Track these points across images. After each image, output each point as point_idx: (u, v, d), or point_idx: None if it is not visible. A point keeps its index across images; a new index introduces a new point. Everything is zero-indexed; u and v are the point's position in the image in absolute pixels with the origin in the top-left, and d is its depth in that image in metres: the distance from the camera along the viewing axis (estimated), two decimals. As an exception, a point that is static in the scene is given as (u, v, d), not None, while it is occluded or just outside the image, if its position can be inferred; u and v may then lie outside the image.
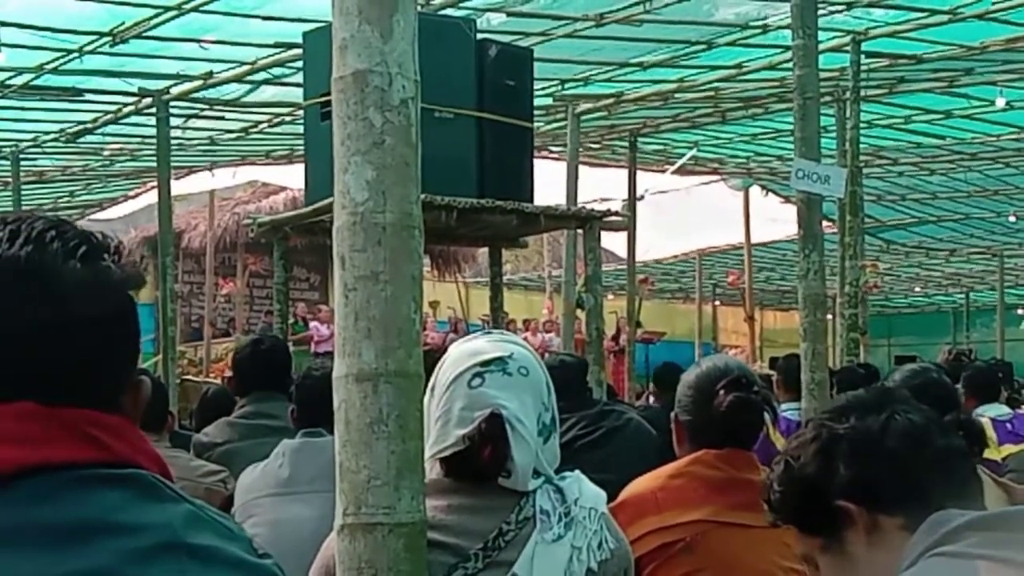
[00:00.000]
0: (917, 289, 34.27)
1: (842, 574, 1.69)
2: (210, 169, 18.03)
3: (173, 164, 13.43)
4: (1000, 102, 13.17)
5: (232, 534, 1.33)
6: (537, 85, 8.71)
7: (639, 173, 16.45)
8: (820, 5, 7.47)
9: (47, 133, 14.72)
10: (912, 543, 1.55)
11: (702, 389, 2.98)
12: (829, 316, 7.63)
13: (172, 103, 12.61)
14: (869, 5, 10.80)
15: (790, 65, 6.63)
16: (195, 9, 10.12)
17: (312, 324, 18.67)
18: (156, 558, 1.23)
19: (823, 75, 8.31)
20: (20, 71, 11.81)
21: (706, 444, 2.96)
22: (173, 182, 13.42)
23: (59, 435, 1.25)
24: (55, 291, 1.26)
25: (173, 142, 13.18)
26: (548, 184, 11.89)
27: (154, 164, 13.12)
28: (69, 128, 14.29)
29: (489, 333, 2.48)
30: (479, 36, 7.88)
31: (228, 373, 14.37)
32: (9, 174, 15.55)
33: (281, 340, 5.42)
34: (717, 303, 31.63)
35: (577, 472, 2.39)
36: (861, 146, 11.98)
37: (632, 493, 2.97)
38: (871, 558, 1.64)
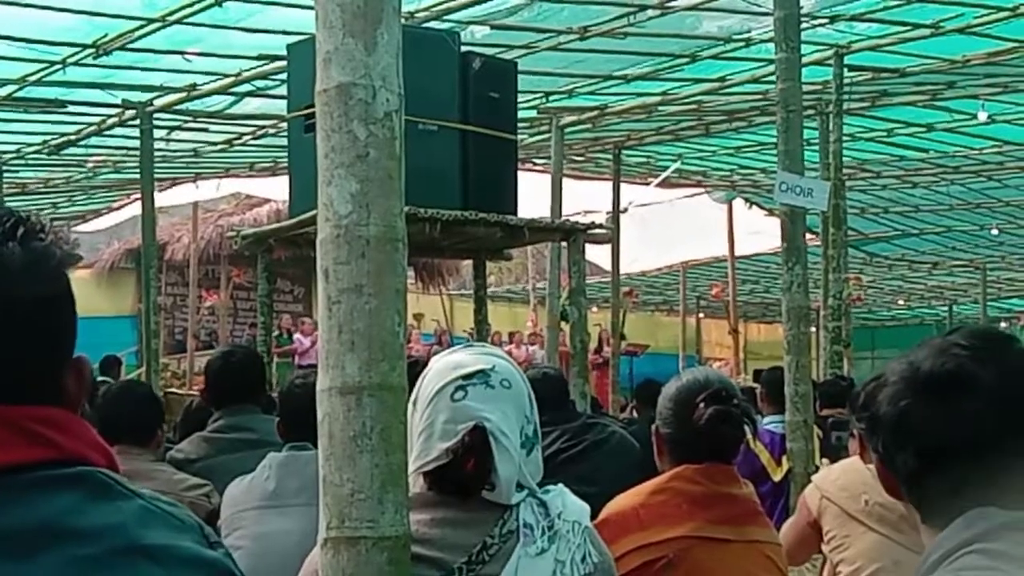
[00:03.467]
0: (900, 302, 34.35)
1: None
2: (194, 181, 18.02)
3: (157, 176, 13.43)
4: (982, 116, 13.22)
5: (183, 525, 1.31)
6: (521, 98, 8.73)
7: (623, 186, 16.46)
8: (803, 19, 7.50)
9: (30, 145, 14.70)
10: (944, 535, 1.51)
11: (682, 402, 2.98)
12: (813, 329, 7.66)
13: (156, 115, 12.60)
14: (852, 19, 10.85)
15: (773, 78, 6.67)
16: (179, 21, 10.11)
17: (296, 337, 18.66)
18: (110, 564, 1.20)
19: (806, 88, 8.34)
20: (3, 83, 11.78)
21: (686, 457, 2.96)
22: (157, 194, 13.41)
23: (6, 437, 1.21)
24: None
25: (157, 154, 13.17)
26: (532, 197, 11.92)
27: (137, 176, 13.12)
28: (52, 140, 14.26)
29: (471, 346, 2.47)
30: (463, 49, 7.90)
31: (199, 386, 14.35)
32: (-8, 186, 15.52)
33: (253, 351, 5.36)
34: (701, 315, 31.66)
35: (560, 485, 2.38)
36: (844, 159, 12.03)
37: (614, 511, 2.97)
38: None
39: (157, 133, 12.97)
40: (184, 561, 1.26)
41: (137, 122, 12.42)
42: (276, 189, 19.47)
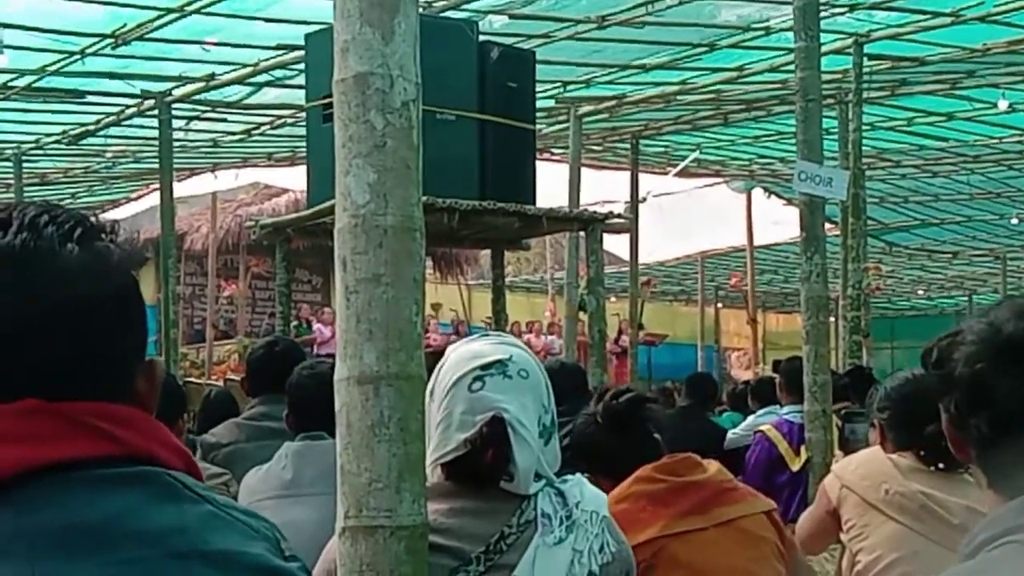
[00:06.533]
0: (920, 292, 34.21)
1: None
2: (212, 171, 18.05)
3: (175, 166, 13.46)
4: (1002, 104, 13.15)
5: (256, 534, 1.27)
6: (539, 87, 8.73)
7: (641, 175, 16.45)
8: (822, 7, 7.46)
9: (49, 135, 14.74)
10: (993, 518, 1.46)
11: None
12: (832, 319, 7.63)
13: (174, 105, 12.63)
14: (871, 7, 10.79)
15: (792, 67, 6.63)
16: (197, 11, 10.14)
17: (315, 326, 18.66)
18: (163, 567, 1.17)
19: (825, 77, 8.31)
20: (23, 73, 11.82)
21: (620, 467, 3.01)
22: (175, 184, 13.43)
23: (66, 431, 1.18)
24: (55, 278, 1.20)
25: (175, 144, 13.21)
26: (550, 186, 11.90)
27: (156, 166, 13.16)
28: (71, 130, 14.30)
29: (487, 335, 2.46)
30: (481, 38, 7.90)
31: (231, 375, 14.39)
32: (11, 176, 15.58)
33: (295, 343, 5.42)
34: (719, 305, 31.57)
35: (578, 475, 2.38)
36: (863, 148, 11.98)
37: None
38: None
39: (176, 123, 13.02)
40: (246, 568, 1.23)
41: (156, 112, 12.46)
42: (294, 179, 19.56)
